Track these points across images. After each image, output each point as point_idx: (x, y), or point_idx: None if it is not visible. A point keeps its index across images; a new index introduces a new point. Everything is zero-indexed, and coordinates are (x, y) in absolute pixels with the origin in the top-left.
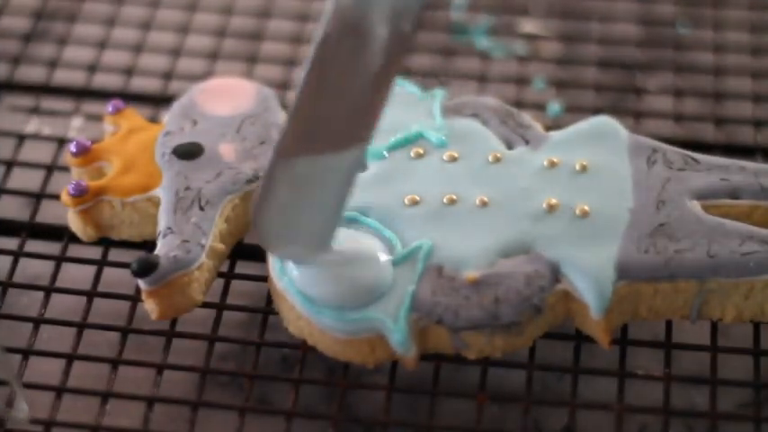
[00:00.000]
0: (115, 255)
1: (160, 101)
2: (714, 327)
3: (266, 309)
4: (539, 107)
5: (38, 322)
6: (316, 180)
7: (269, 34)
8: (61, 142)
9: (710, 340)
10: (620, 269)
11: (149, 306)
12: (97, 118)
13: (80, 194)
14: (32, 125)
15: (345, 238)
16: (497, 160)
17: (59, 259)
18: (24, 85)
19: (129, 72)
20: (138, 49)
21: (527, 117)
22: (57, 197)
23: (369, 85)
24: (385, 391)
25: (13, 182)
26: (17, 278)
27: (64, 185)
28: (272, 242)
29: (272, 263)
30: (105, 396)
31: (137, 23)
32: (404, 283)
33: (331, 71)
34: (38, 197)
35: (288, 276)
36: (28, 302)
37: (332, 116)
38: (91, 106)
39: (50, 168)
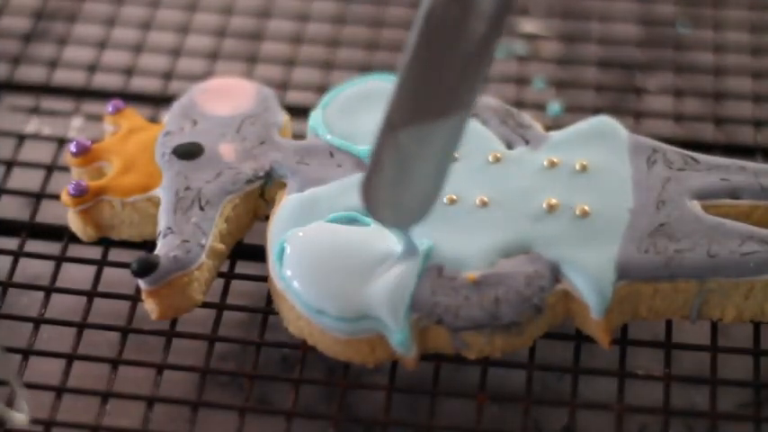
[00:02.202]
0: (115, 255)
1: (160, 101)
2: (714, 327)
3: (266, 309)
4: (539, 107)
5: (38, 322)
6: (421, 149)
7: (269, 34)
8: (61, 142)
9: (710, 340)
10: (621, 269)
11: (149, 306)
12: (97, 118)
13: (80, 194)
14: (32, 125)
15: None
16: (497, 160)
17: (59, 259)
18: (24, 85)
19: (129, 72)
20: (138, 49)
21: (527, 117)
22: (57, 197)
23: (473, 50)
24: (385, 391)
25: (13, 182)
26: (17, 278)
27: (64, 185)
28: (380, 212)
29: (272, 263)
30: (105, 396)
31: (137, 23)
32: (404, 283)
33: (437, 40)
34: (38, 197)
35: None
36: (28, 302)
37: (437, 84)
38: (91, 106)
39: (50, 168)
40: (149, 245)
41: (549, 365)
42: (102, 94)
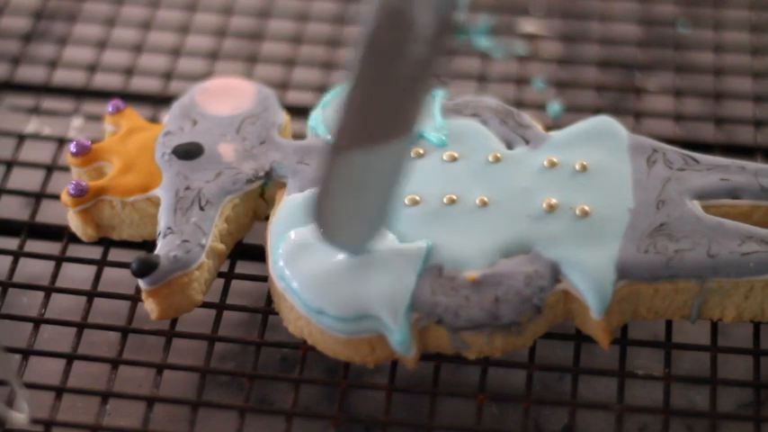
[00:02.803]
0: (115, 255)
1: (160, 101)
2: (714, 327)
3: (266, 309)
4: (539, 107)
5: (38, 322)
6: (370, 171)
7: (269, 34)
8: (61, 142)
9: (710, 340)
10: (621, 269)
11: (149, 306)
12: (97, 118)
13: (80, 194)
14: (32, 125)
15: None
16: (497, 160)
17: (59, 259)
18: (24, 85)
19: (129, 72)
20: (138, 49)
21: (527, 117)
22: (57, 197)
23: (415, 73)
24: (385, 391)
25: (13, 182)
26: (17, 278)
27: (64, 185)
28: (331, 235)
29: (272, 263)
30: (105, 396)
31: (137, 23)
32: (404, 283)
33: (379, 63)
34: (38, 197)
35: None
36: (28, 302)
37: (381, 107)
38: (91, 106)
39: (50, 168)
40: (149, 245)
41: (549, 365)
42: (102, 94)
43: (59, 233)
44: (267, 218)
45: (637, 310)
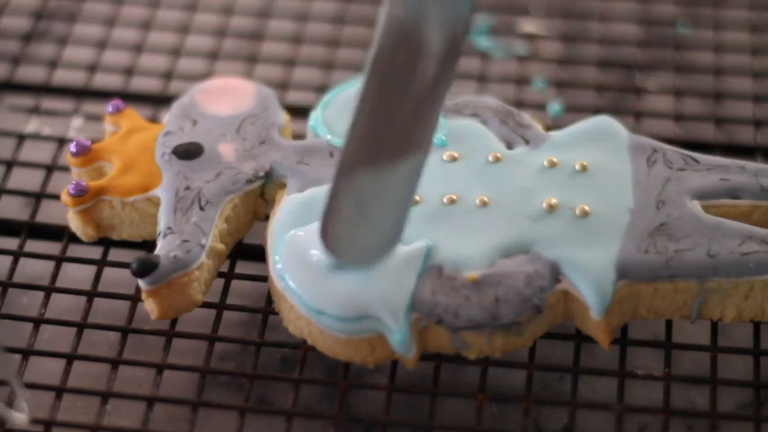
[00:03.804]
0: (115, 255)
1: (160, 101)
2: (714, 327)
3: (266, 309)
4: (539, 107)
5: (38, 322)
6: (379, 190)
7: (269, 34)
8: (61, 142)
9: (710, 340)
10: (621, 269)
11: (149, 306)
12: (97, 118)
13: (80, 194)
14: (32, 125)
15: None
16: (497, 160)
17: (59, 259)
18: (24, 85)
19: (129, 72)
20: (138, 49)
21: (527, 117)
22: (57, 197)
23: (425, 92)
24: (385, 391)
25: (13, 182)
26: (17, 278)
27: (64, 185)
28: (340, 252)
29: (272, 263)
30: (105, 396)
31: (137, 23)
32: (404, 282)
33: (388, 82)
34: (38, 197)
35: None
36: (28, 302)
37: (391, 126)
38: (91, 106)
39: (50, 168)
40: (149, 245)
41: (549, 365)
42: (102, 94)
43: (59, 233)
44: (267, 218)
45: (637, 310)
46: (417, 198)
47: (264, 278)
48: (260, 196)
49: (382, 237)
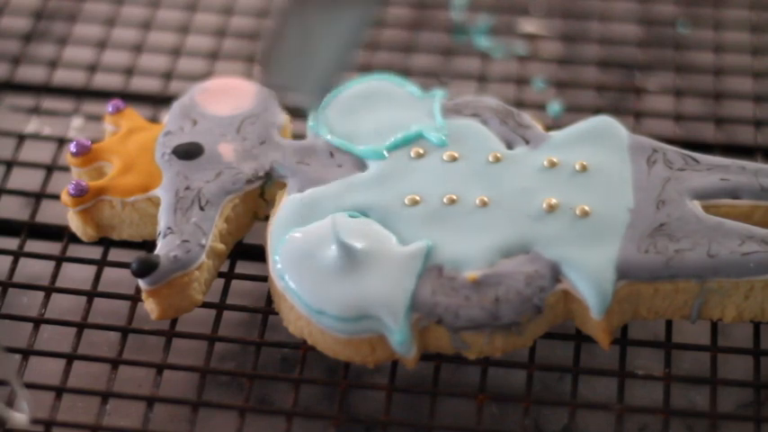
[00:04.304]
0: (115, 255)
1: (160, 101)
2: (714, 327)
3: (266, 309)
4: (539, 107)
5: (38, 322)
6: (325, 29)
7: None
8: (61, 142)
9: (710, 340)
10: (621, 269)
11: (149, 306)
12: (97, 118)
13: (80, 194)
14: (32, 125)
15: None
16: (497, 160)
17: (59, 259)
18: (24, 85)
19: (129, 72)
20: (138, 49)
21: (527, 117)
22: (57, 197)
23: None
24: (385, 391)
25: (13, 182)
26: (17, 278)
27: (64, 185)
28: (278, 75)
29: (272, 263)
30: (105, 396)
31: (137, 23)
32: (404, 283)
33: None
34: (38, 197)
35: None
36: (28, 302)
37: None
38: (91, 106)
39: (50, 168)
40: (149, 245)
41: (549, 365)
42: (102, 94)
43: (59, 233)
44: (267, 218)
45: (637, 310)
46: (417, 198)
47: (264, 278)
48: (260, 196)
49: (322, 69)
